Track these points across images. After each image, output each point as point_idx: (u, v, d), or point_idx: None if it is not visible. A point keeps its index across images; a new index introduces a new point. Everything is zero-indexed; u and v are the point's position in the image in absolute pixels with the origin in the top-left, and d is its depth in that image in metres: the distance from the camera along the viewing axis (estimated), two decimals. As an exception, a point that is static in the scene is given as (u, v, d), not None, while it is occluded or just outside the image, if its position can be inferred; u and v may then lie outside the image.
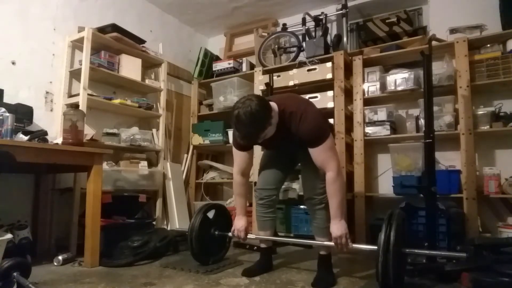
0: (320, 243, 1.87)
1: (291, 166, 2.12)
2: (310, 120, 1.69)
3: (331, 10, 3.46)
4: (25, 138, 1.97)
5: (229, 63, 3.64)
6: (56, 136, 2.48)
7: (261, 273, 1.97)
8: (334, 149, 1.78)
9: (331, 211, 1.72)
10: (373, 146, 3.16)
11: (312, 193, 1.85)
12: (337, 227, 1.69)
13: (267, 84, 3.03)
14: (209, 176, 3.74)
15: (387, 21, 3.16)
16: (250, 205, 3.31)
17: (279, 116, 1.71)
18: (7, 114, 1.96)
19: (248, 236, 2.01)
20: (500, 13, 2.70)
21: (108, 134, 2.83)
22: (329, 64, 2.99)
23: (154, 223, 2.91)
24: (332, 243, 1.74)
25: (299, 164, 2.01)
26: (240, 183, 1.99)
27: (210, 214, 2.20)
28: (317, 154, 1.71)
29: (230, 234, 2.12)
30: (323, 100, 2.97)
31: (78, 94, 2.64)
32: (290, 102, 1.77)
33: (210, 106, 3.79)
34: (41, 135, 2.06)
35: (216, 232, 2.18)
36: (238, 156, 1.95)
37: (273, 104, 1.70)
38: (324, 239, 1.86)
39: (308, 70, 3.07)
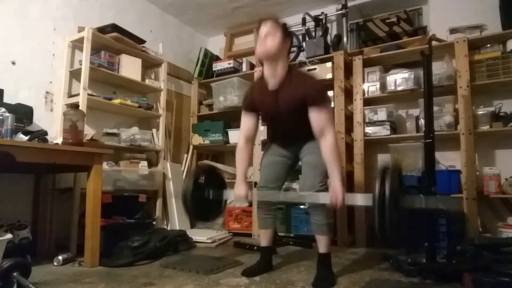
0: (314, 196, 1.80)
1: (292, 164, 2.10)
2: (316, 80, 1.86)
3: (331, 10, 3.46)
4: (25, 138, 1.97)
5: (229, 63, 3.64)
6: (56, 136, 2.48)
7: (261, 273, 1.97)
8: (333, 115, 1.94)
9: (335, 173, 1.71)
10: (373, 146, 3.16)
11: (312, 189, 1.82)
12: (340, 185, 1.67)
13: (267, 84, 3.03)
14: (209, 176, 3.74)
15: (387, 21, 3.16)
16: (250, 205, 3.32)
17: (287, 72, 1.82)
18: (7, 114, 1.96)
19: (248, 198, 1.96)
20: (500, 13, 2.70)
21: (108, 134, 2.82)
22: (329, 64, 3.00)
23: (154, 223, 2.91)
24: (327, 196, 1.69)
25: (300, 163, 2.01)
26: (243, 147, 1.97)
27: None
28: (319, 114, 1.75)
29: (226, 198, 2.06)
30: (323, 100, 2.96)
31: (78, 94, 2.64)
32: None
33: (210, 106, 3.79)
34: (41, 135, 2.06)
35: (211, 195, 2.03)
36: (245, 118, 1.97)
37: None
38: (324, 236, 1.86)
39: (308, 70, 3.07)
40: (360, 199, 1.72)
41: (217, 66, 3.72)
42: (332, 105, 2.93)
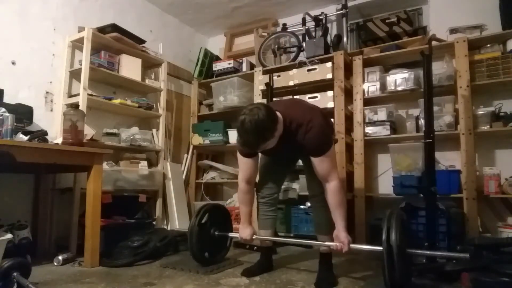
0: (320, 243, 1.87)
1: (291, 163, 2.12)
2: (316, 131, 1.68)
3: (331, 10, 3.46)
4: (25, 138, 1.97)
5: (229, 63, 3.64)
6: (56, 136, 2.48)
7: (261, 273, 1.97)
8: (335, 158, 1.84)
9: (339, 221, 1.73)
10: (373, 146, 3.16)
11: (319, 190, 1.84)
12: (345, 235, 1.72)
13: (267, 84, 3.03)
14: (209, 176, 3.74)
15: (387, 21, 3.16)
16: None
17: (284, 128, 1.69)
18: (7, 114, 1.96)
19: (253, 237, 2.01)
20: (500, 13, 2.70)
21: (108, 134, 2.83)
22: (329, 64, 2.99)
23: (154, 223, 2.91)
24: (333, 244, 1.75)
25: (301, 161, 2.01)
26: (245, 191, 1.97)
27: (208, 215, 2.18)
28: (321, 163, 1.71)
29: (230, 234, 2.14)
30: (323, 100, 2.96)
31: (78, 94, 2.64)
32: (296, 113, 1.74)
33: (210, 106, 3.79)
34: (41, 135, 2.06)
35: (216, 233, 2.16)
36: (243, 163, 1.92)
37: (278, 115, 1.68)
38: (326, 236, 1.87)
39: (308, 70, 3.07)
40: (366, 247, 1.89)
41: (217, 66, 3.71)
42: (332, 105, 2.94)
